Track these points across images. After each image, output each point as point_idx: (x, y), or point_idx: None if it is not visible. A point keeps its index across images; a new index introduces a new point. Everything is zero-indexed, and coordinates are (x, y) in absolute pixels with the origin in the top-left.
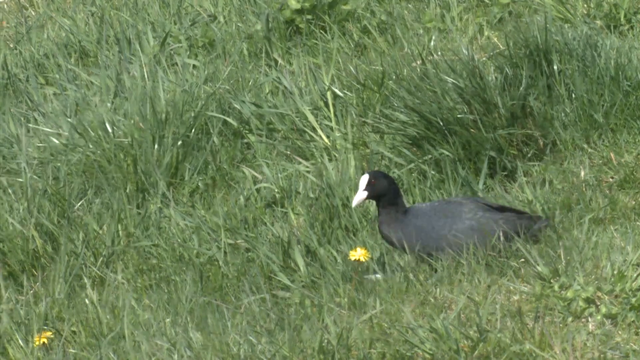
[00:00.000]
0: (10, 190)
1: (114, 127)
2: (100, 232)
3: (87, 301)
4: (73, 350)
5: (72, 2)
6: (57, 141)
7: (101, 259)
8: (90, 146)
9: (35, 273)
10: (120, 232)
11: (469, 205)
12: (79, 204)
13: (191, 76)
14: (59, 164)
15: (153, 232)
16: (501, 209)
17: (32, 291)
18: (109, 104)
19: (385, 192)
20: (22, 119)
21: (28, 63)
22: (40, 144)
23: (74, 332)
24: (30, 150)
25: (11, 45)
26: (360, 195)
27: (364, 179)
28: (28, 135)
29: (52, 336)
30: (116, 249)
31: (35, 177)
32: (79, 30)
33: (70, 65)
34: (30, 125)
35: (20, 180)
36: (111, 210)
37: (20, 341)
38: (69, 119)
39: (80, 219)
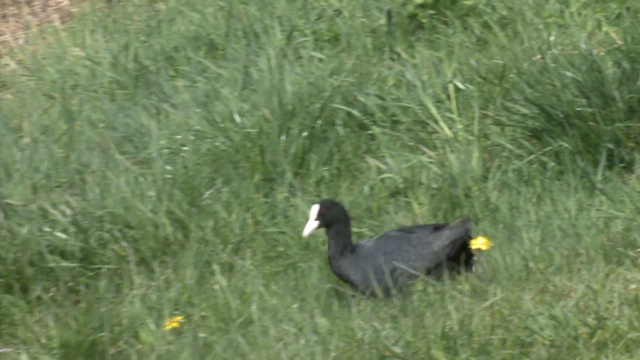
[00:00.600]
0: (142, 179)
1: (242, 118)
2: (229, 220)
3: (216, 287)
4: (203, 334)
5: None
6: (186, 132)
7: (230, 246)
8: (219, 136)
9: (166, 259)
10: (248, 220)
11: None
12: (208, 192)
13: (317, 69)
14: (188, 154)
15: (280, 220)
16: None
17: (163, 277)
18: (237, 96)
19: (336, 220)
20: (153, 110)
21: (159, 56)
22: (171, 135)
23: (203, 316)
24: (162, 140)
25: (142, 38)
26: (311, 225)
27: (315, 208)
28: (159, 125)
29: (182, 320)
30: (244, 237)
31: (166, 166)
32: (208, 24)
33: (199, 58)
34: (161, 117)
35: (151, 169)
36: (239, 198)
37: (151, 325)
38: (199, 110)
39: (210, 207)
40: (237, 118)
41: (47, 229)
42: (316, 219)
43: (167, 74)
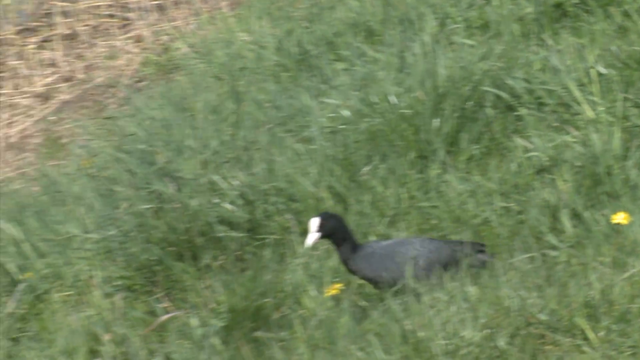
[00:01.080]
0: (304, 156)
1: (398, 100)
2: (386, 194)
3: None
4: (360, 301)
5: None
6: (346, 112)
7: (386, 218)
8: (376, 117)
9: None
10: (403, 195)
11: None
12: (366, 168)
13: (467, 54)
14: (347, 133)
15: (433, 195)
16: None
17: (325, 247)
18: (392, 79)
19: (335, 231)
20: (315, 91)
21: (320, 41)
22: (331, 114)
23: (360, 284)
24: (322, 119)
25: (305, 25)
26: (313, 236)
27: (315, 221)
28: (320, 106)
29: (341, 288)
30: (400, 210)
31: (326, 144)
32: (366, 11)
33: (358, 43)
34: (322, 98)
35: (313, 146)
36: (395, 174)
37: (312, 292)
38: (357, 92)
39: (367, 183)
40: (393, 99)
41: (216, 202)
42: (317, 231)
43: (327, 58)
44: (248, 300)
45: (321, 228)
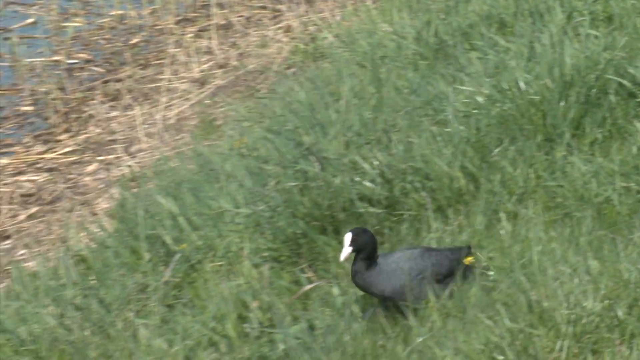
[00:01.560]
0: (439, 138)
1: (527, 87)
2: (514, 174)
3: (502, 232)
4: (490, 272)
5: None
6: (479, 98)
7: (514, 196)
8: (507, 102)
9: (459, 207)
10: (530, 175)
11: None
12: (496, 150)
13: (592, 45)
14: (480, 117)
15: (558, 175)
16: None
17: (456, 222)
18: (522, 67)
19: (366, 246)
20: (450, 78)
21: (456, 31)
22: (465, 100)
23: (490, 257)
24: (457, 104)
25: (442, 17)
26: (347, 250)
27: (348, 236)
28: (455, 92)
29: (473, 260)
30: (527, 189)
31: (460, 127)
32: (499, 4)
33: (490, 34)
34: (457, 84)
35: (448, 129)
36: (523, 156)
37: None
38: (489, 79)
39: (497, 163)
40: (523, 86)
41: (357, 180)
42: (350, 245)
43: (462, 48)
44: None
45: (353, 243)
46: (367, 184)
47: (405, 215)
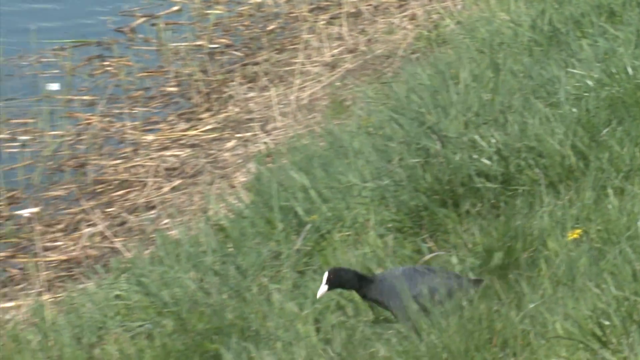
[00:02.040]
0: (552, 119)
1: (634, 71)
2: (622, 152)
3: (609, 206)
4: (597, 245)
5: None
6: (589, 81)
7: (621, 174)
8: (615, 86)
9: (570, 183)
10: (637, 154)
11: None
12: (605, 130)
13: None
14: (590, 99)
15: None
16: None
17: (567, 197)
18: (630, 53)
19: (346, 282)
20: (563, 63)
21: (568, 20)
22: (576, 83)
23: (598, 230)
24: (568, 87)
25: (556, 6)
26: (322, 289)
27: (325, 275)
28: (567, 76)
29: (581, 233)
30: (633, 167)
31: (572, 109)
32: None
33: (601, 22)
34: (569, 69)
35: (560, 111)
36: (630, 135)
37: (556, 236)
38: (599, 64)
39: (606, 142)
40: (630, 71)
41: (475, 157)
42: (326, 284)
43: (574, 35)
44: (500, 242)
45: (328, 282)
46: (485, 161)
47: (519, 190)
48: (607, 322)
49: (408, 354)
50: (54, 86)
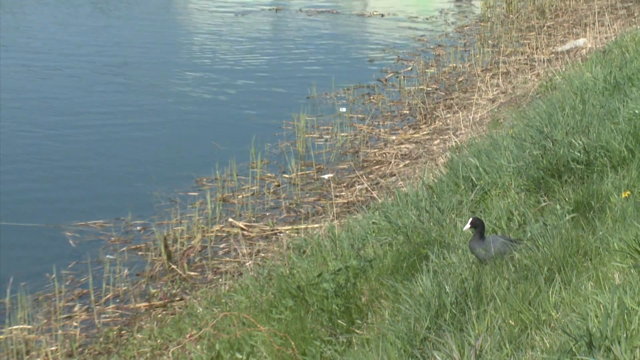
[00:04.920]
0: (614, 131)
1: None
2: None
3: None
4: (638, 200)
5: None
6: (636, 110)
7: None
8: None
9: (624, 166)
10: None
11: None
12: None
13: None
14: (636, 120)
15: None
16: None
17: (622, 174)
18: None
19: (477, 227)
20: (622, 100)
21: (625, 76)
22: (629, 112)
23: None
24: (624, 114)
25: (618, 69)
26: (466, 226)
27: (470, 219)
28: (624, 107)
29: (629, 194)
30: None
31: (626, 126)
32: None
33: None
34: (625, 103)
35: (619, 126)
36: None
37: (615, 195)
38: None
39: None
40: None
41: (571, 151)
42: (469, 224)
43: (628, 85)
44: (584, 198)
45: (471, 223)
46: (576, 153)
47: (595, 170)
48: None
49: (531, 258)
50: (343, 109)
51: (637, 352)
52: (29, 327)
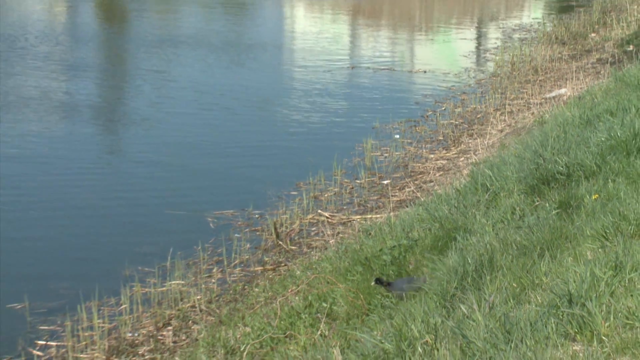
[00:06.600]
0: (587, 151)
1: (632, 132)
2: (613, 166)
3: (610, 185)
4: (604, 200)
5: None
6: (602, 137)
7: (612, 175)
8: (612, 139)
9: (594, 177)
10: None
11: None
12: (608, 157)
13: None
14: (603, 145)
15: None
16: None
17: (592, 182)
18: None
19: (381, 281)
20: (594, 129)
21: (599, 113)
22: (600, 138)
23: (603, 196)
24: (595, 140)
25: (590, 109)
26: (373, 282)
27: (375, 280)
28: (595, 135)
29: (597, 196)
30: (619, 172)
31: (594, 149)
32: None
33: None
34: (596, 132)
35: (590, 149)
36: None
37: (588, 197)
38: (606, 131)
39: (608, 161)
40: (630, 132)
41: (556, 165)
42: (381, 284)
43: (604, 118)
44: (565, 197)
45: (379, 281)
46: (560, 167)
47: (573, 179)
48: None
49: (528, 240)
50: (397, 136)
51: (604, 307)
52: (182, 282)
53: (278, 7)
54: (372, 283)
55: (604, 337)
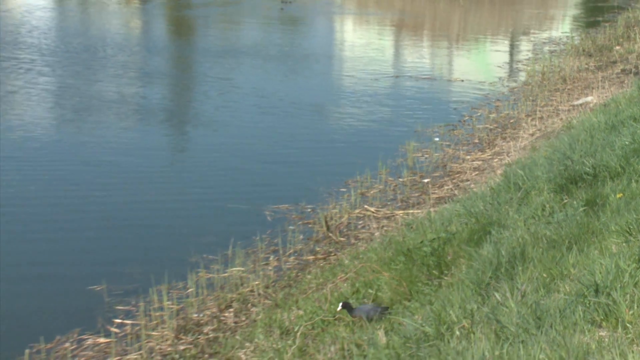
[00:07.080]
0: (612, 154)
1: None
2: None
3: (633, 184)
4: (628, 199)
5: None
6: (626, 142)
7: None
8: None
9: (619, 177)
10: None
11: None
12: (632, 159)
13: None
14: (627, 148)
15: None
16: None
17: (617, 182)
18: None
19: (346, 306)
20: (618, 134)
21: (624, 119)
22: (624, 142)
23: (628, 194)
24: (619, 143)
25: (614, 114)
26: (339, 307)
27: (341, 305)
28: (619, 139)
29: (621, 195)
30: None
31: (619, 151)
32: None
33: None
34: (620, 136)
35: (616, 152)
36: None
37: (613, 195)
38: (631, 137)
39: (632, 163)
40: None
41: (584, 167)
42: (341, 307)
43: (629, 124)
44: (591, 195)
45: (346, 307)
46: (587, 168)
47: (599, 178)
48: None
49: (557, 234)
50: (437, 139)
51: (628, 297)
52: (242, 269)
53: (329, 21)
54: (338, 309)
55: (627, 324)
